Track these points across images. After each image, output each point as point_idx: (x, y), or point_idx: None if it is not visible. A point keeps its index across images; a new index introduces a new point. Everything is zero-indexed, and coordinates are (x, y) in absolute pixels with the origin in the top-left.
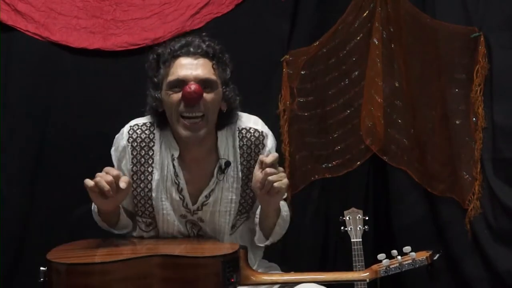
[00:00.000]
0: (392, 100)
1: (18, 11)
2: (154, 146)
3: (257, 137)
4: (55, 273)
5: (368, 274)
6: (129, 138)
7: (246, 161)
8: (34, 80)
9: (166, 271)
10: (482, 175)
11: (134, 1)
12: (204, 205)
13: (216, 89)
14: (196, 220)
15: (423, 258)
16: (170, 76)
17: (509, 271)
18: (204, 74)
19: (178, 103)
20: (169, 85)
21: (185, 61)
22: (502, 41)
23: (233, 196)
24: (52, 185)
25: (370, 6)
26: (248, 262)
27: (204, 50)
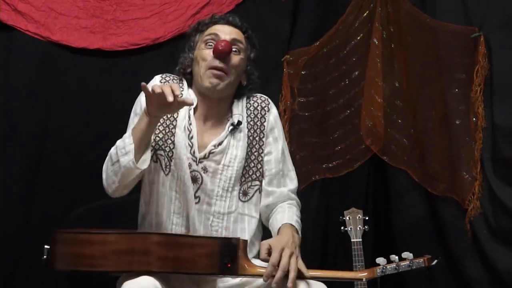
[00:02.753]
0: (392, 100)
1: (18, 11)
2: (183, 91)
3: (263, 100)
4: (58, 243)
5: (366, 274)
6: (161, 79)
7: (253, 122)
8: (34, 80)
9: (164, 249)
10: (482, 175)
11: (134, 1)
12: (211, 153)
13: (243, 55)
14: (199, 170)
15: (421, 261)
16: (206, 34)
17: (508, 271)
18: (236, 36)
19: (209, 56)
20: (203, 41)
21: (222, 26)
22: (502, 41)
23: (239, 152)
24: (52, 185)
25: (370, 6)
26: (247, 253)
27: (240, 23)
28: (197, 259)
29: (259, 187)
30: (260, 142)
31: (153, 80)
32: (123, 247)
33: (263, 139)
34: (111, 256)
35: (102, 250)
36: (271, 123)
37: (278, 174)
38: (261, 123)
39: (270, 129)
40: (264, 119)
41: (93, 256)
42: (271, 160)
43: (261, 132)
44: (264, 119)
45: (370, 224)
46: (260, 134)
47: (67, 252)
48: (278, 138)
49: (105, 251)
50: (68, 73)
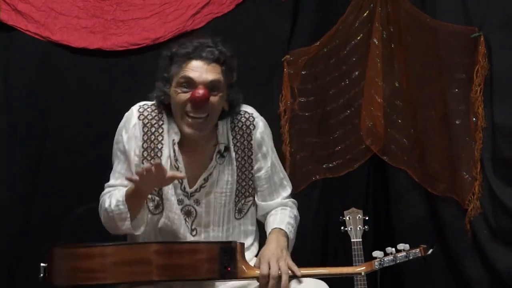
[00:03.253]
0: (392, 100)
1: (18, 11)
2: (163, 125)
3: (247, 118)
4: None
5: (364, 268)
6: (140, 115)
7: (240, 143)
8: (34, 80)
9: (164, 257)
10: (482, 175)
11: (134, 1)
12: (202, 187)
13: (222, 92)
14: (192, 204)
15: (417, 251)
16: (180, 76)
17: (508, 271)
18: (213, 78)
19: (185, 103)
20: (178, 84)
21: (197, 63)
22: (502, 41)
23: (229, 177)
24: (52, 185)
25: (370, 6)
26: (244, 256)
27: (216, 56)
28: (197, 264)
29: (253, 201)
30: (249, 160)
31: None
32: (122, 258)
33: (252, 157)
34: (111, 268)
35: (101, 263)
36: (257, 140)
37: (271, 189)
38: (248, 142)
39: (258, 146)
40: (250, 137)
41: (93, 269)
42: (261, 177)
43: (249, 151)
44: (250, 137)
45: (370, 224)
46: (248, 152)
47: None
48: (267, 153)
49: (104, 263)
50: (68, 73)
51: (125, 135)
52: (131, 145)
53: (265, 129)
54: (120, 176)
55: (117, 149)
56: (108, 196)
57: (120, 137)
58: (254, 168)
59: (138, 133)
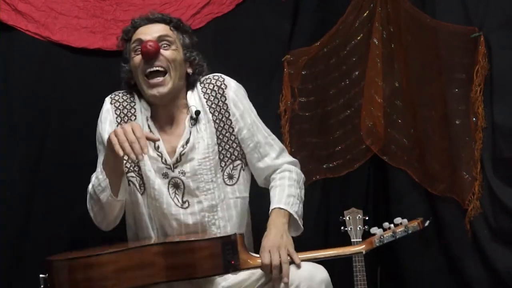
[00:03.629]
0: (392, 100)
1: (18, 11)
2: (136, 106)
3: (217, 79)
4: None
5: (364, 246)
6: (112, 100)
7: (214, 104)
8: (34, 80)
9: (167, 258)
10: (482, 175)
11: (134, 1)
12: (182, 155)
13: (175, 48)
14: (178, 176)
15: (415, 225)
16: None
17: (508, 271)
18: (160, 33)
19: (140, 63)
20: (132, 50)
21: (143, 27)
22: (502, 41)
23: (209, 141)
24: (53, 185)
25: (370, 6)
26: (245, 247)
27: (160, 17)
28: (201, 262)
29: (242, 165)
30: (228, 121)
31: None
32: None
33: (230, 118)
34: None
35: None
36: (232, 98)
37: (256, 147)
38: (223, 102)
39: (234, 105)
40: (224, 98)
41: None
42: (244, 137)
43: (226, 111)
44: (224, 97)
45: (370, 224)
46: (225, 113)
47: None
48: (244, 111)
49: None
50: (68, 73)
51: (100, 124)
52: (106, 129)
53: (238, 88)
54: None
55: (98, 143)
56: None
57: (98, 129)
58: (236, 129)
59: (112, 116)
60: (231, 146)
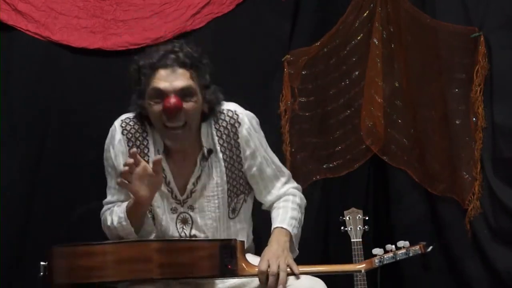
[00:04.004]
0: (392, 100)
1: (18, 11)
2: (148, 137)
3: (231, 116)
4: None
5: (364, 265)
6: (123, 130)
7: (226, 142)
8: (34, 80)
9: (164, 256)
10: (482, 175)
11: (134, 1)
12: (193, 192)
13: (196, 96)
14: (186, 211)
15: (417, 248)
16: (150, 88)
17: (508, 271)
18: (182, 84)
19: (160, 114)
20: (150, 96)
21: (164, 73)
22: (502, 41)
23: (218, 180)
24: (53, 185)
25: (370, 6)
26: (244, 254)
27: (181, 60)
28: (198, 262)
29: (245, 197)
30: (238, 159)
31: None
32: (123, 256)
33: (241, 155)
34: (111, 265)
35: (101, 261)
36: (244, 137)
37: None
38: (235, 141)
39: (246, 143)
40: (236, 136)
41: (93, 267)
42: (254, 174)
43: (237, 149)
44: (236, 135)
45: (370, 224)
46: (236, 151)
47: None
48: (255, 150)
49: (105, 261)
50: (68, 73)
51: (112, 152)
52: (119, 161)
53: (250, 124)
54: (115, 192)
55: (108, 166)
56: (109, 213)
57: (108, 153)
58: (245, 167)
59: (124, 148)
60: (238, 182)
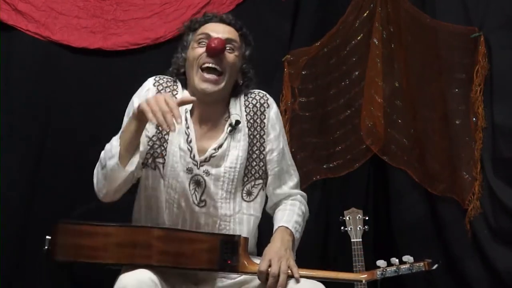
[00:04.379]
0: (392, 100)
1: (18, 11)
2: (177, 95)
3: (261, 96)
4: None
5: (366, 276)
6: (155, 82)
7: (253, 119)
8: (34, 80)
9: (165, 243)
10: (482, 175)
11: (134, 1)
12: (212, 157)
13: (237, 54)
14: (202, 174)
15: (421, 264)
16: (199, 33)
17: (508, 271)
18: (229, 36)
19: (201, 55)
20: (196, 41)
21: (215, 24)
22: (502, 41)
23: (240, 153)
24: (53, 185)
25: (370, 6)
26: (247, 251)
27: (233, 21)
28: (197, 254)
29: (263, 185)
30: (261, 140)
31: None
32: (124, 240)
33: (264, 137)
34: (112, 248)
35: (103, 242)
36: (272, 119)
37: (280, 173)
38: (261, 120)
39: (272, 126)
40: (264, 116)
41: (95, 247)
42: (273, 159)
43: (262, 130)
44: (264, 115)
45: (370, 224)
46: (261, 131)
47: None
48: (279, 135)
49: (107, 243)
50: (68, 73)
51: (137, 100)
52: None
53: (278, 111)
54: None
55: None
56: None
57: (131, 104)
58: (267, 149)
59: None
60: (257, 164)
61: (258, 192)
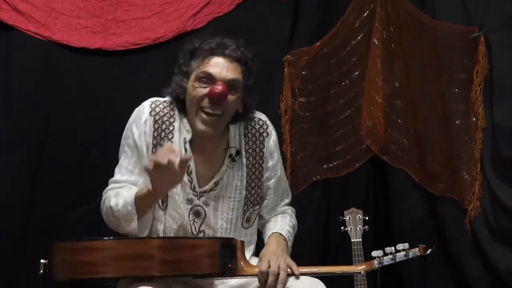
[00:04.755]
0: (392, 100)
1: (18, 11)
2: (175, 122)
3: (261, 125)
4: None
5: (364, 266)
6: (151, 111)
7: (252, 149)
8: (34, 80)
9: (165, 253)
10: (482, 175)
11: (134, 1)
12: (212, 190)
13: (239, 93)
14: (201, 205)
15: (416, 250)
16: (201, 70)
17: (508, 271)
18: (233, 76)
19: (202, 97)
20: (197, 78)
21: (219, 60)
22: (502, 41)
23: (238, 183)
24: (53, 185)
25: (370, 6)
26: (244, 254)
27: (239, 55)
28: (198, 260)
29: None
30: (260, 168)
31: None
32: (123, 253)
33: (263, 165)
34: (112, 262)
35: (102, 257)
36: (270, 148)
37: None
38: (260, 150)
39: (270, 154)
40: (263, 145)
41: (94, 263)
42: (270, 186)
43: (260, 158)
44: (263, 145)
45: (370, 224)
46: (259, 160)
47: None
48: (277, 163)
49: (106, 257)
50: (68, 73)
51: (136, 131)
52: (143, 141)
53: (276, 138)
54: (126, 172)
55: (126, 144)
56: (114, 194)
57: (130, 132)
58: (264, 176)
59: (149, 129)
60: (256, 191)
61: (255, 217)
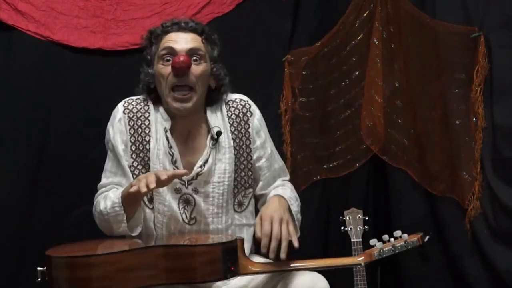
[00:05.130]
0: (392, 100)
1: (18, 11)
2: (150, 117)
3: (243, 105)
4: (55, 268)
5: (363, 258)
6: (125, 109)
7: (237, 130)
8: (34, 80)
9: (169, 260)
10: (482, 175)
11: (135, 1)
12: (199, 174)
13: (204, 62)
14: (190, 192)
15: (415, 240)
16: (160, 49)
17: (508, 271)
18: (193, 46)
19: (169, 75)
20: (160, 57)
21: (175, 34)
22: (502, 41)
23: (227, 166)
24: (53, 185)
25: (370, 6)
26: (244, 252)
27: (194, 26)
28: (201, 267)
29: (253, 193)
30: (248, 149)
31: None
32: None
33: (251, 146)
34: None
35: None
36: (256, 127)
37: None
38: (246, 130)
39: (257, 133)
40: (248, 125)
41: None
42: (262, 166)
43: (247, 139)
44: (248, 125)
45: (370, 224)
46: (246, 141)
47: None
48: (265, 141)
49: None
50: (68, 73)
51: (112, 132)
52: (117, 140)
53: (261, 116)
54: (111, 175)
55: (107, 148)
56: (103, 197)
57: (108, 134)
58: (254, 157)
59: (124, 127)
60: (246, 174)
61: (249, 201)
